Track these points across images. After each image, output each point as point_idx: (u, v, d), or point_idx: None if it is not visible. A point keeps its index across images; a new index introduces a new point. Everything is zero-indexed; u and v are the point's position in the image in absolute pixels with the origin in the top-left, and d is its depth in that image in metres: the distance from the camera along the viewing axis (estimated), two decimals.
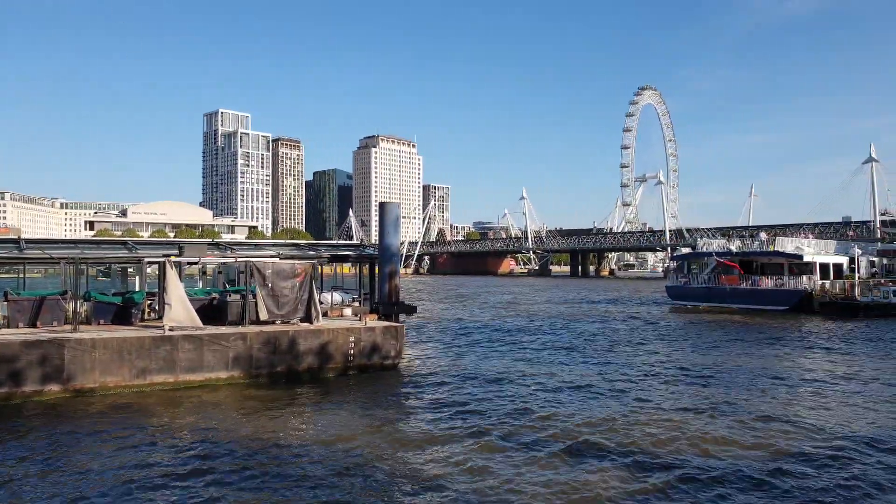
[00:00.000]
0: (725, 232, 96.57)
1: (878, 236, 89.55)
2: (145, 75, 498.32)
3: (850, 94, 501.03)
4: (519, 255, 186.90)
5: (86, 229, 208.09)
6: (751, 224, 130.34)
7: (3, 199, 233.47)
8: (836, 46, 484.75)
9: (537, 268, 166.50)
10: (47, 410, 14.40)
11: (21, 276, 23.59)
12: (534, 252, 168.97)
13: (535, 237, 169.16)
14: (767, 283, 45.41)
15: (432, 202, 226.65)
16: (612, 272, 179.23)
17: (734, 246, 49.93)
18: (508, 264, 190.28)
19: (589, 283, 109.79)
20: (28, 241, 20.44)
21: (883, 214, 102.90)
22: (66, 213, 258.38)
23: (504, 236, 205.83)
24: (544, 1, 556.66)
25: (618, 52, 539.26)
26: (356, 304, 23.38)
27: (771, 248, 47.45)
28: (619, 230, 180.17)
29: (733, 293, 46.05)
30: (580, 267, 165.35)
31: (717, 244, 52.00)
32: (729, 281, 46.64)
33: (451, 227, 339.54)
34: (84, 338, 15.88)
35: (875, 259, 51.06)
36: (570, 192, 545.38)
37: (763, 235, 52.09)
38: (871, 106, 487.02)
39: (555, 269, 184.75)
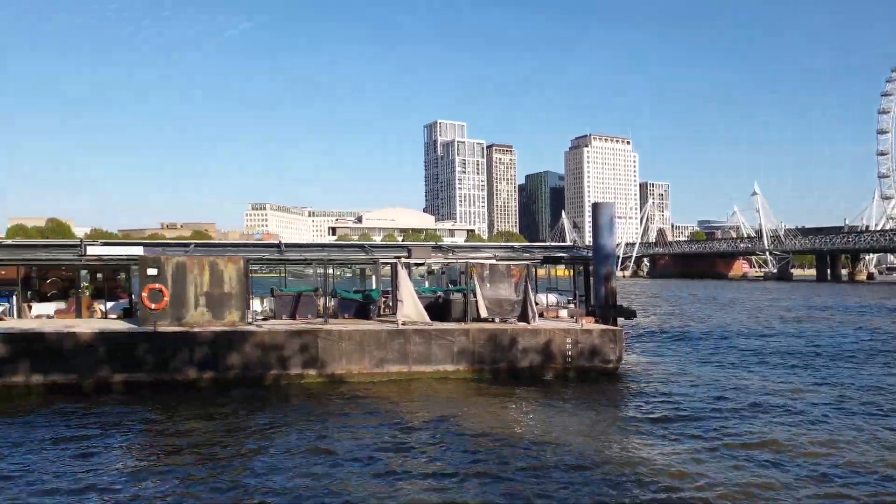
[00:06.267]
0: None
1: None
2: (375, 96, 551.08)
3: None
4: (753, 257, 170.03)
5: (329, 234, 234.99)
6: None
7: (265, 209, 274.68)
8: None
9: (775, 271, 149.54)
10: (304, 392, 16.71)
11: (282, 274, 27.46)
12: (770, 253, 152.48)
13: (771, 236, 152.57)
14: None
15: (650, 201, 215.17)
16: (871, 276, 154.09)
17: None
18: (741, 266, 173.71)
19: (842, 289, 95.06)
20: (287, 246, 23.79)
21: None
22: (313, 220, 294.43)
23: (734, 236, 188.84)
24: None
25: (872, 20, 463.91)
26: (572, 306, 23.31)
27: None
28: (878, 227, 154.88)
29: None
30: (829, 270, 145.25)
31: None
32: None
33: (671, 226, 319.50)
34: (333, 329, 18.06)
35: None
36: (812, 185, 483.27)
37: None
38: None
39: (797, 272, 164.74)
